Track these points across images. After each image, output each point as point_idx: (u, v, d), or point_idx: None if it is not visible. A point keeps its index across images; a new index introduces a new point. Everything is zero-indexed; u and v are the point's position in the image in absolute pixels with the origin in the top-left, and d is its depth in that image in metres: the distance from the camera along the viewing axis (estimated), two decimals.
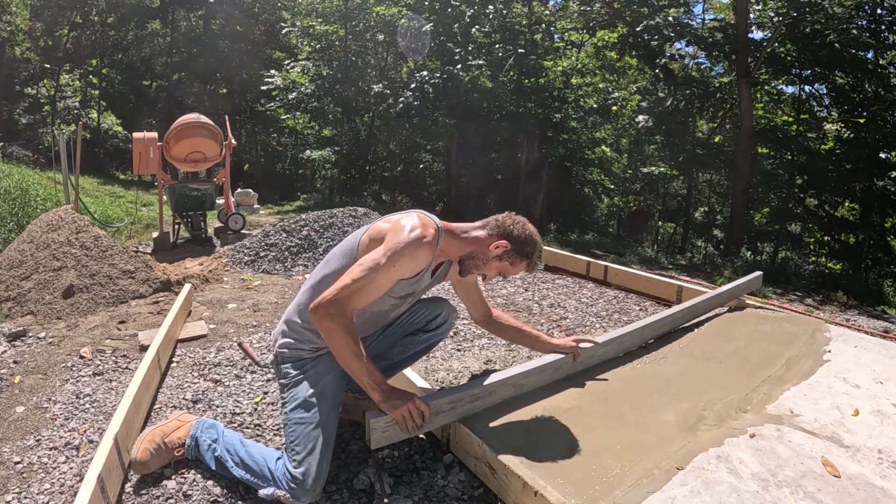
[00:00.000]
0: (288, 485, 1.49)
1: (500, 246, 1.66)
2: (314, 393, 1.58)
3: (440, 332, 1.92)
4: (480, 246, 1.68)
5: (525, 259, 1.70)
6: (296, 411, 1.56)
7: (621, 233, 13.92)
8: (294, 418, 1.55)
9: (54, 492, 1.59)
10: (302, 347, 1.64)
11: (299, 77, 11.38)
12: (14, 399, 2.16)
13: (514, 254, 1.68)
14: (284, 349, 1.65)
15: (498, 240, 1.67)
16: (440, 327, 1.91)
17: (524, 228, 1.70)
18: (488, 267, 1.70)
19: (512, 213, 1.73)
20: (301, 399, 1.57)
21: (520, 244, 1.67)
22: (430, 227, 1.59)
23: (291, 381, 1.62)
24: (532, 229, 1.72)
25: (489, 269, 1.70)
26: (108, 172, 15.43)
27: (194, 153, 5.82)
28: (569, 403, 1.89)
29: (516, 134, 10.44)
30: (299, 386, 1.60)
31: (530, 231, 1.71)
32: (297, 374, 1.62)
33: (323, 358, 1.64)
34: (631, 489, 1.44)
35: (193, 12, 18.03)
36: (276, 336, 1.71)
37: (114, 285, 3.53)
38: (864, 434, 1.73)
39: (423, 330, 1.88)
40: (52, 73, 16.63)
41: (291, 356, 1.64)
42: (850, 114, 10.53)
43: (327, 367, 1.62)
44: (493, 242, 1.67)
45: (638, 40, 10.66)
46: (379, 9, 10.79)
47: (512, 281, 4.11)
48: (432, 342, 1.94)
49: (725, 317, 2.87)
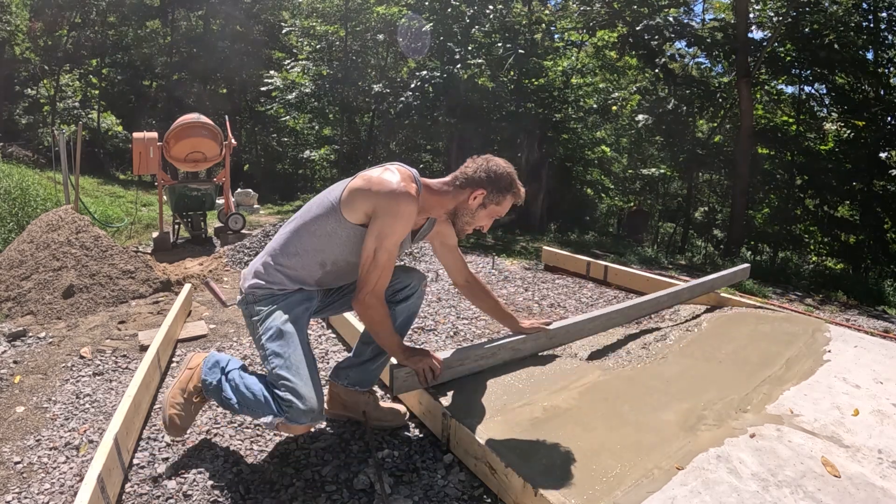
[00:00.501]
0: (281, 409, 1.53)
1: (478, 195, 1.69)
2: (287, 319, 1.62)
3: (411, 302, 1.90)
4: (460, 203, 1.71)
5: (508, 193, 1.71)
6: (272, 341, 1.60)
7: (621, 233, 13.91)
8: (272, 348, 1.59)
9: (54, 492, 1.59)
10: (272, 287, 1.67)
11: (299, 77, 11.37)
12: (14, 399, 2.16)
13: (495, 195, 1.70)
14: (255, 289, 1.68)
15: (472, 190, 1.69)
16: (411, 297, 1.89)
17: (491, 168, 1.70)
18: (478, 218, 1.73)
19: (474, 158, 1.74)
20: (275, 328, 1.61)
21: (495, 184, 1.69)
22: (412, 181, 1.63)
23: (263, 315, 1.65)
24: (498, 162, 1.73)
25: (480, 219, 1.74)
26: (108, 172, 15.43)
27: (194, 153, 5.82)
28: (569, 403, 1.89)
29: (516, 134, 10.43)
30: (272, 317, 1.63)
31: (497, 166, 1.71)
32: (268, 308, 1.65)
33: (292, 294, 1.68)
34: (631, 489, 1.44)
35: (193, 12, 18.03)
36: (247, 276, 1.73)
37: (114, 285, 3.53)
38: (864, 434, 1.73)
39: (394, 301, 1.85)
40: (52, 73, 16.62)
41: (263, 295, 1.67)
42: (849, 114, 10.53)
43: (297, 300, 1.68)
44: (470, 195, 1.69)
45: (638, 40, 10.66)
46: (379, 9, 10.78)
47: (512, 281, 4.11)
48: (407, 312, 1.91)
49: (725, 317, 2.87)
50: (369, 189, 1.60)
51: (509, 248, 6.40)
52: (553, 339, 2.33)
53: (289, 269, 1.68)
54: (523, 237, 8.15)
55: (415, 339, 2.85)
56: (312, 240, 1.67)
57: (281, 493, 1.60)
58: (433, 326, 3.01)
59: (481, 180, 1.68)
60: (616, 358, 2.49)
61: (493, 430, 1.70)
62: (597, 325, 2.55)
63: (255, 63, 16.24)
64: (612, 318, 2.62)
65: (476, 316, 3.22)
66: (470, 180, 1.70)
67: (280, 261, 1.69)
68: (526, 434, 1.69)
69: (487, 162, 1.71)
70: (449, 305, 3.36)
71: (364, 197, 1.60)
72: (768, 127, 11.08)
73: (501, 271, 4.39)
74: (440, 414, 1.80)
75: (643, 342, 2.66)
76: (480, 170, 1.69)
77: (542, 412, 1.82)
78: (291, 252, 1.69)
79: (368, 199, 1.59)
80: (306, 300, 1.71)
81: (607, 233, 13.29)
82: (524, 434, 1.69)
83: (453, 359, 1.94)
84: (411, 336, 2.87)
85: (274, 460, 1.75)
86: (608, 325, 2.65)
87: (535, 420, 1.77)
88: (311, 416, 1.52)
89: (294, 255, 1.68)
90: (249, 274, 1.73)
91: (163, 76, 18.19)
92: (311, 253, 1.68)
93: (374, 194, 1.58)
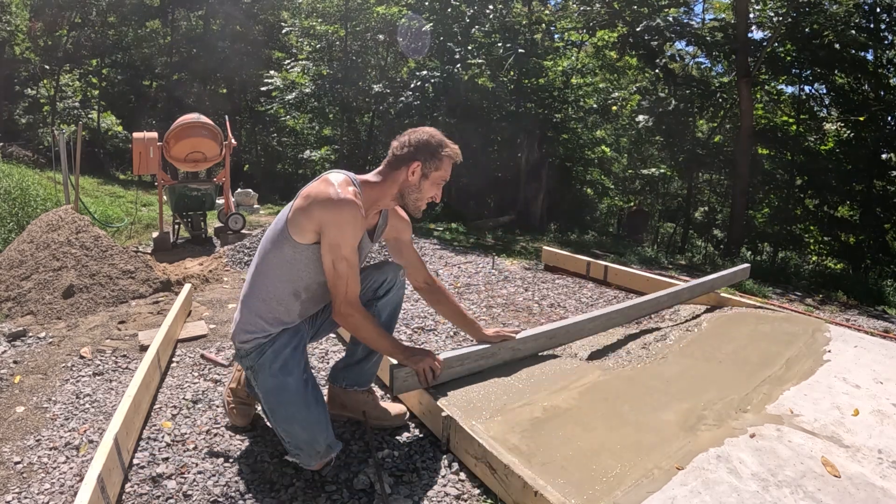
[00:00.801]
0: (292, 452, 1.61)
1: (415, 168, 1.68)
2: (279, 370, 1.62)
3: (392, 295, 1.89)
4: (401, 183, 1.70)
5: (442, 155, 1.70)
6: (268, 397, 1.63)
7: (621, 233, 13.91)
8: (268, 405, 1.63)
9: (54, 492, 1.59)
10: (257, 336, 1.65)
11: (299, 77, 11.38)
12: (14, 399, 2.16)
13: (431, 161, 1.69)
14: (243, 343, 1.68)
15: (408, 166, 1.68)
16: (390, 290, 1.88)
17: (415, 138, 1.69)
18: (425, 190, 1.72)
19: (398, 137, 1.73)
20: (269, 379, 1.62)
21: (426, 151, 1.68)
22: (348, 184, 1.61)
23: (256, 369, 1.65)
24: (422, 130, 1.72)
25: (428, 190, 1.73)
26: (108, 172, 15.42)
27: (194, 153, 5.82)
28: (569, 403, 1.89)
29: (516, 134, 10.43)
30: (263, 370, 1.64)
31: (421, 133, 1.70)
32: (258, 360, 1.65)
33: (279, 337, 1.66)
34: (631, 489, 1.44)
35: (193, 12, 18.03)
36: (233, 329, 1.72)
37: (114, 285, 3.53)
38: (864, 434, 1.73)
39: (375, 298, 1.85)
40: (52, 73, 16.62)
41: (251, 348, 1.66)
42: (850, 114, 10.53)
43: (284, 342, 1.66)
44: (407, 171, 1.69)
45: (638, 40, 10.67)
46: (379, 9, 10.78)
47: (512, 281, 4.11)
48: (391, 306, 1.90)
49: (725, 317, 2.87)
50: (309, 206, 1.57)
51: (509, 248, 6.40)
52: (553, 339, 2.33)
53: (266, 313, 1.65)
54: (523, 237, 8.15)
55: (415, 339, 2.85)
56: (277, 274, 1.64)
57: (281, 493, 1.60)
58: (433, 326, 3.01)
59: (412, 153, 1.68)
60: (616, 358, 2.49)
61: (493, 430, 1.70)
62: (597, 325, 2.56)
63: (254, 63, 16.24)
64: (612, 318, 2.63)
65: (476, 316, 3.23)
66: (401, 158, 1.69)
67: (254, 307, 1.66)
68: (526, 434, 1.69)
69: (411, 134, 1.70)
70: None
71: (306, 215, 1.58)
72: (768, 127, 11.09)
73: (501, 271, 4.39)
74: (440, 414, 1.80)
75: (643, 342, 2.66)
76: (407, 144, 1.69)
77: (542, 412, 1.82)
78: (262, 296, 1.65)
79: (311, 215, 1.57)
80: (294, 336, 1.68)
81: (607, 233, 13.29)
82: (524, 434, 1.69)
83: (453, 359, 1.94)
84: (411, 336, 2.88)
85: (274, 460, 1.75)
86: (608, 325, 2.66)
87: (535, 420, 1.77)
88: (320, 457, 1.58)
89: (265, 298, 1.65)
90: (234, 326, 1.71)
91: (163, 76, 18.19)
92: (281, 288, 1.64)
93: (316, 209, 1.56)
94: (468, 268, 4.39)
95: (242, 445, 1.83)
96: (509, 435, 1.68)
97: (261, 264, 1.68)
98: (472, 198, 12.06)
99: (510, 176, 11.62)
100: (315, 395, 1.63)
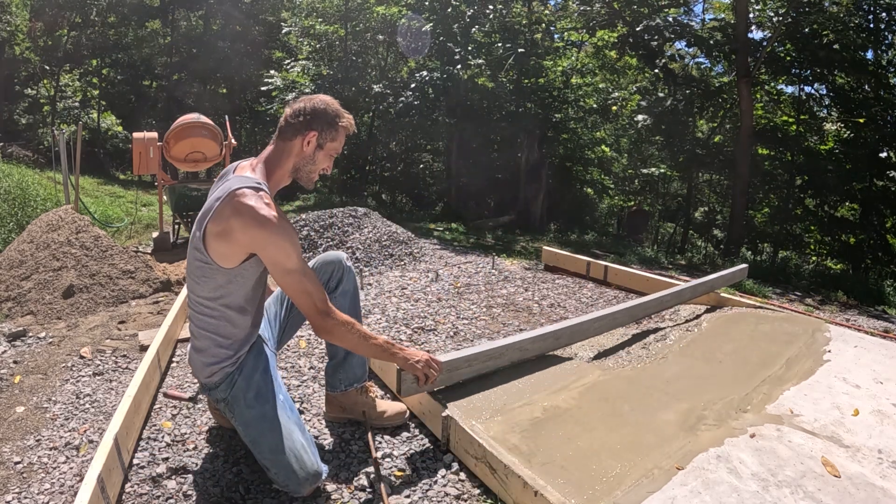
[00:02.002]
0: (280, 482, 1.53)
1: (311, 138, 1.59)
2: (253, 398, 1.56)
3: (345, 283, 1.85)
4: (297, 155, 1.61)
5: (338, 125, 1.61)
6: (249, 426, 1.56)
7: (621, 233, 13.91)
8: (248, 437, 1.56)
9: (54, 492, 1.59)
10: (222, 365, 1.59)
11: (299, 77, 11.37)
12: (14, 399, 2.16)
13: (328, 131, 1.60)
14: (209, 377, 1.60)
15: (304, 137, 1.58)
16: (342, 279, 1.85)
17: (311, 106, 1.59)
18: (318, 162, 1.63)
19: (291, 104, 1.62)
20: (246, 411, 1.56)
21: (324, 121, 1.59)
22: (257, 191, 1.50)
23: (230, 399, 1.59)
24: (319, 98, 1.62)
25: (321, 162, 1.63)
26: (108, 172, 15.42)
27: (194, 153, 5.82)
28: (569, 403, 1.89)
29: (516, 134, 10.43)
30: (237, 400, 1.58)
31: (318, 101, 1.61)
32: (229, 391, 1.59)
33: (244, 359, 1.61)
34: (631, 489, 1.44)
35: (193, 12, 18.03)
36: (195, 366, 1.64)
37: (114, 285, 3.53)
38: (864, 434, 1.73)
39: (330, 293, 1.80)
40: (52, 73, 16.62)
41: (218, 380, 1.60)
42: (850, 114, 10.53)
43: (251, 365, 1.61)
44: (303, 142, 1.59)
45: (638, 40, 10.67)
46: (379, 9, 10.79)
47: (512, 281, 4.11)
48: (349, 295, 1.87)
49: (725, 317, 2.88)
50: (229, 232, 1.47)
51: (509, 248, 6.40)
52: (559, 340, 2.34)
53: (220, 338, 1.58)
54: (523, 237, 8.15)
55: (415, 339, 2.85)
56: (217, 301, 1.57)
57: (281, 494, 1.60)
58: (433, 326, 3.01)
59: (307, 122, 1.57)
60: (616, 358, 2.49)
61: (493, 430, 1.70)
62: (602, 325, 2.56)
63: (254, 63, 16.23)
64: (617, 318, 2.63)
65: (476, 316, 3.22)
66: (295, 126, 1.58)
67: (206, 338, 1.59)
68: (526, 434, 1.69)
69: (307, 102, 1.60)
70: (449, 305, 3.36)
71: (228, 242, 1.49)
72: (768, 127, 11.08)
73: (501, 271, 4.39)
74: (440, 414, 1.80)
75: (643, 342, 2.66)
76: (302, 112, 1.58)
77: (542, 412, 1.82)
78: (210, 327, 1.59)
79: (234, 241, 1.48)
80: (258, 358, 1.63)
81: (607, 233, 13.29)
82: (524, 434, 1.69)
83: (460, 360, 1.92)
84: (411, 336, 2.88)
85: None
86: (613, 325, 2.66)
87: (535, 420, 1.77)
88: (309, 483, 1.51)
89: (213, 327, 1.58)
90: (194, 365, 1.64)
91: (163, 76, 18.19)
92: (226, 311, 1.57)
93: (238, 234, 1.46)
94: (468, 268, 4.39)
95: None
96: (509, 435, 1.68)
97: (198, 303, 1.59)
98: (472, 198, 12.06)
99: (510, 176, 11.63)
100: (296, 419, 1.58)
